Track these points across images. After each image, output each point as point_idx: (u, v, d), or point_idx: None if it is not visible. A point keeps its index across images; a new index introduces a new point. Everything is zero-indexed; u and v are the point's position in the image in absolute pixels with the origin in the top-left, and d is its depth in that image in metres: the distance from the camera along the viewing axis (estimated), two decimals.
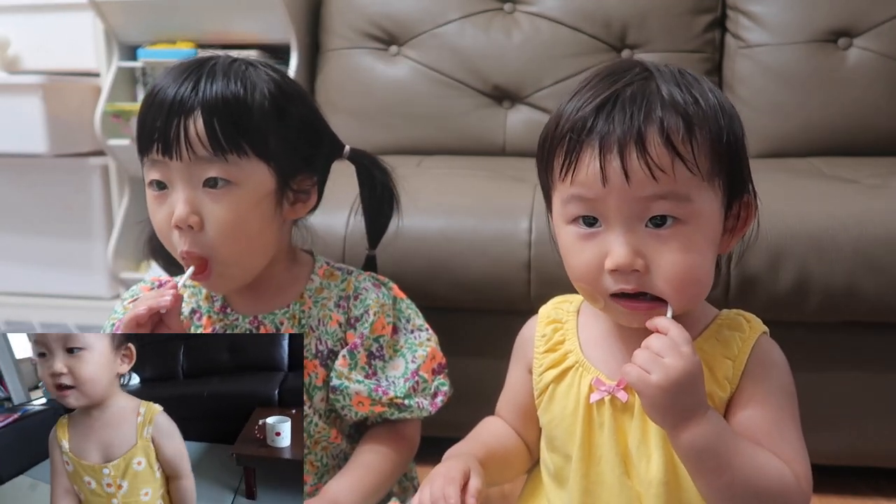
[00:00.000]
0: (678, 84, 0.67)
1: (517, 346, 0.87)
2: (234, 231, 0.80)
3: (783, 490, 0.66)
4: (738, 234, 0.73)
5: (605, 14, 1.67)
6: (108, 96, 1.83)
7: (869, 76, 1.56)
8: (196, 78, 0.79)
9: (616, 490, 0.73)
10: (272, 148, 0.82)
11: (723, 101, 0.69)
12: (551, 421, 0.79)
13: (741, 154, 0.70)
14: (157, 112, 0.79)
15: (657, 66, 0.70)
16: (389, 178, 0.96)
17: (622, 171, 0.64)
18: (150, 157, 0.80)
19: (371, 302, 0.90)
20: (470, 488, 0.73)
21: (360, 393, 0.87)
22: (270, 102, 0.82)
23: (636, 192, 0.65)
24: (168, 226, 0.80)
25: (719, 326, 0.74)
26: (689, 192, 0.65)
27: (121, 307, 0.93)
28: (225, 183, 0.79)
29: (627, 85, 0.67)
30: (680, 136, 0.65)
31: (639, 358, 0.65)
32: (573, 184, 0.68)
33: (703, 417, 0.64)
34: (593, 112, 0.66)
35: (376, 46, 1.77)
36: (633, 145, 0.64)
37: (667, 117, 0.65)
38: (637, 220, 0.66)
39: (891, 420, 1.13)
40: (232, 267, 0.83)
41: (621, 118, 0.65)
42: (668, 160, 0.64)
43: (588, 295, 0.72)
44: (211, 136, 0.78)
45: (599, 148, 0.65)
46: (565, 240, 0.71)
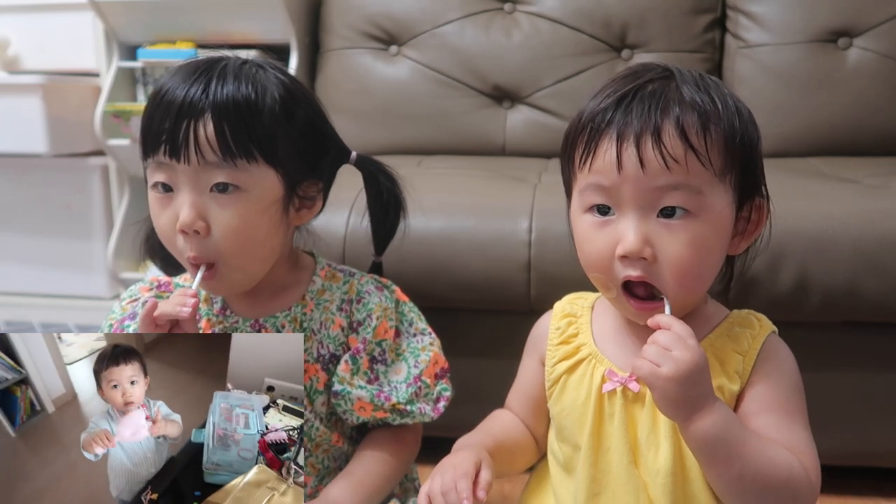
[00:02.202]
0: (697, 85, 0.70)
1: (531, 340, 0.89)
2: (241, 237, 0.79)
3: (792, 481, 0.68)
4: (748, 237, 0.76)
5: (605, 14, 1.67)
6: (108, 96, 1.83)
7: (869, 76, 1.56)
8: (206, 79, 0.78)
9: (623, 479, 0.75)
10: (281, 154, 0.81)
11: (741, 106, 0.72)
12: (562, 411, 0.80)
13: (755, 156, 0.73)
14: (164, 113, 0.77)
15: (679, 68, 0.73)
16: (396, 184, 0.96)
17: (637, 158, 0.67)
18: (155, 158, 0.79)
19: (374, 306, 0.90)
20: (481, 481, 0.74)
21: (363, 399, 0.87)
22: (280, 106, 0.81)
23: (650, 181, 0.68)
24: (172, 229, 0.80)
25: (730, 324, 0.77)
26: (701, 185, 0.68)
27: (118, 308, 0.93)
28: (234, 188, 0.78)
29: (648, 82, 0.71)
30: (695, 131, 0.68)
31: (648, 353, 0.66)
32: (591, 172, 0.71)
33: (712, 408, 0.66)
34: (613, 105, 0.70)
35: (376, 46, 1.77)
36: (648, 135, 0.67)
37: (683, 113, 0.68)
38: (650, 209, 0.69)
39: (891, 420, 1.13)
40: (237, 272, 0.82)
41: (639, 111, 0.68)
42: (682, 151, 0.67)
43: (601, 284, 0.74)
44: (221, 140, 0.77)
45: (617, 137, 0.69)
46: (581, 229, 0.74)
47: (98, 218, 2.02)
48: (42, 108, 1.80)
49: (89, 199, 2.02)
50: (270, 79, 0.82)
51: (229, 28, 1.80)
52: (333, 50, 1.79)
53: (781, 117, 1.59)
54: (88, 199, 2.02)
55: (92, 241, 2.03)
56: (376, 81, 1.74)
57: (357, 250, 1.12)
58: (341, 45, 1.78)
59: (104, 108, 1.81)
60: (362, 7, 1.77)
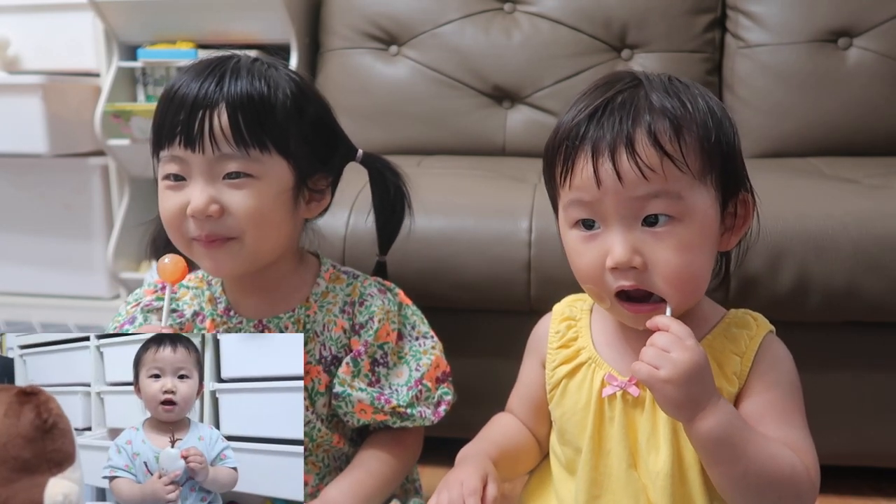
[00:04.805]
0: (666, 91, 0.71)
1: (531, 342, 0.89)
2: (256, 216, 0.80)
3: (794, 479, 0.68)
4: (737, 231, 0.76)
5: (605, 14, 1.67)
6: (108, 96, 1.83)
7: (869, 76, 1.56)
8: (220, 75, 0.80)
9: (623, 481, 0.76)
10: (293, 145, 0.82)
11: (713, 104, 0.72)
12: (563, 415, 0.80)
13: (733, 153, 0.73)
14: (178, 107, 0.79)
15: (647, 75, 0.73)
16: (401, 180, 0.97)
17: (614, 172, 0.67)
18: (170, 150, 0.80)
19: (376, 308, 0.90)
20: (487, 496, 0.75)
21: (363, 401, 0.87)
22: (292, 101, 0.83)
23: (630, 192, 0.68)
24: (180, 213, 0.80)
25: (728, 325, 0.77)
26: (681, 190, 0.68)
27: (124, 310, 0.93)
28: (246, 177, 0.80)
29: (618, 93, 0.71)
30: (668, 137, 0.68)
31: (646, 355, 0.66)
32: (571, 188, 0.71)
33: (715, 407, 0.66)
34: (586, 120, 0.70)
35: (376, 46, 1.77)
36: (622, 148, 0.67)
37: (654, 120, 0.68)
38: (633, 220, 0.69)
39: (891, 420, 1.13)
40: (248, 249, 0.82)
41: (611, 124, 0.69)
42: (657, 160, 0.67)
43: (595, 295, 0.75)
44: (235, 130, 0.78)
45: (592, 152, 0.69)
46: (570, 243, 0.74)
47: (98, 218, 2.02)
48: (42, 108, 1.80)
49: (89, 199, 2.02)
50: (282, 76, 0.84)
51: (229, 28, 1.80)
52: (333, 50, 1.79)
53: (781, 117, 1.58)
54: (88, 199, 2.02)
55: (92, 241, 2.03)
56: (376, 81, 1.74)
57: (357, 250, 1.12)
58: (341, 45, 1.78)
59: (104, 108, 1.81)
60: (362, 7, 1.77)
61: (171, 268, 0.81)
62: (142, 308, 0.91)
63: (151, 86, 1.92)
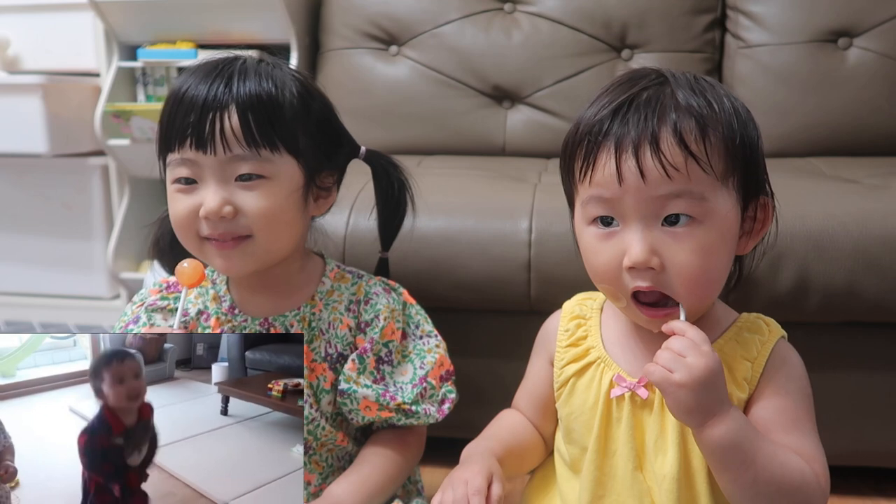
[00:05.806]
0: (692, 89, 0.69)
1: (540, 339, 0.89)
2: (269, 216, 0.81)
3: (804, 487, 0.68)
4: (756, 235, 0.75)
5: (605, 14, 1.67)
6: (108, 96, 1.83)
7: (869, 76, 1.56)
8: (227, 76, 0.81)
9: (628, 483, 0.75)
10: (301, 144, 0.83)
11: (738, 105, 0.71)
12: (570, 414, 0.80)
13: (756, 156, 0.72)
14: (188, 108, 0.79)
15: (673, 72, 0.72)
16: (403, 175, 0.97)
17: (637, 169, 0.66)
18: (180, 152, 0.80)
19: (381, 307, 0.91)
20: (492, 495, 0.75)
21: (368, 398, 0.87)
22: (298, 100, 0.84)
23: (652, 191, 0.67)
24: (193, 215, 0.81)
25: (739, 329, 0.76)
26: (704, 191, 0.67)
27: (129, 310, 0.94)
28: (257, 178, 0.81)
29: (643, 90, 0.69)
30: (693, 137, 0.66)
31: (661, 358, 0.66)
32: (591, 184, 0.70)
33: (727, 414, 0.66)
34: (609, 115, 0.69)
35: (376, 46, 1.77)
36: (647, 145, 0.66)
37: (680, 119, 0.67)
38: (653, 219, 0.68)
39: (891, 420, 1.13)
40: (262, 248, 0.83)
41: (636, 120, 0.67)
42: (682, 159, 0.66)
43: (610, 294, 0.74)
44: (246, 131, 0.79)
45: (615, 148, 0.67)
46: (586, 241, 0.73)
47: (98, 218, 2.02)
48: (42, 108, 1.80)
49: (89, 199, 2.02)
50: (287, 75, 0.85)
51: (229, 28, 1.80)
52: (333, 50, 1.79)
53: (781, 117, 1.58)
54: (88, 199, 2.02)
55: (92, 241, 2.04)
56: (376, 81, 1.74)
57: (357, 250, 1.12)
58: (341, 45, 1.78)
59: (104, 108, 1.81)
60: (362, 7, 1.77)
61: (189, 271, 0.83)
62: (146, 308, 0.92)
63: (151, 86, 1.92)
